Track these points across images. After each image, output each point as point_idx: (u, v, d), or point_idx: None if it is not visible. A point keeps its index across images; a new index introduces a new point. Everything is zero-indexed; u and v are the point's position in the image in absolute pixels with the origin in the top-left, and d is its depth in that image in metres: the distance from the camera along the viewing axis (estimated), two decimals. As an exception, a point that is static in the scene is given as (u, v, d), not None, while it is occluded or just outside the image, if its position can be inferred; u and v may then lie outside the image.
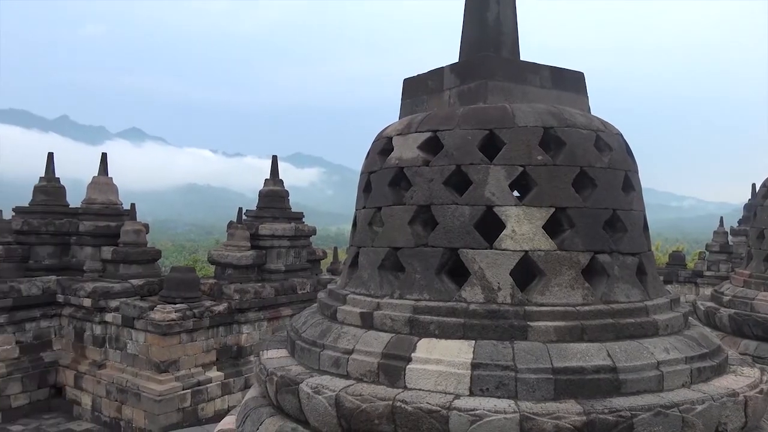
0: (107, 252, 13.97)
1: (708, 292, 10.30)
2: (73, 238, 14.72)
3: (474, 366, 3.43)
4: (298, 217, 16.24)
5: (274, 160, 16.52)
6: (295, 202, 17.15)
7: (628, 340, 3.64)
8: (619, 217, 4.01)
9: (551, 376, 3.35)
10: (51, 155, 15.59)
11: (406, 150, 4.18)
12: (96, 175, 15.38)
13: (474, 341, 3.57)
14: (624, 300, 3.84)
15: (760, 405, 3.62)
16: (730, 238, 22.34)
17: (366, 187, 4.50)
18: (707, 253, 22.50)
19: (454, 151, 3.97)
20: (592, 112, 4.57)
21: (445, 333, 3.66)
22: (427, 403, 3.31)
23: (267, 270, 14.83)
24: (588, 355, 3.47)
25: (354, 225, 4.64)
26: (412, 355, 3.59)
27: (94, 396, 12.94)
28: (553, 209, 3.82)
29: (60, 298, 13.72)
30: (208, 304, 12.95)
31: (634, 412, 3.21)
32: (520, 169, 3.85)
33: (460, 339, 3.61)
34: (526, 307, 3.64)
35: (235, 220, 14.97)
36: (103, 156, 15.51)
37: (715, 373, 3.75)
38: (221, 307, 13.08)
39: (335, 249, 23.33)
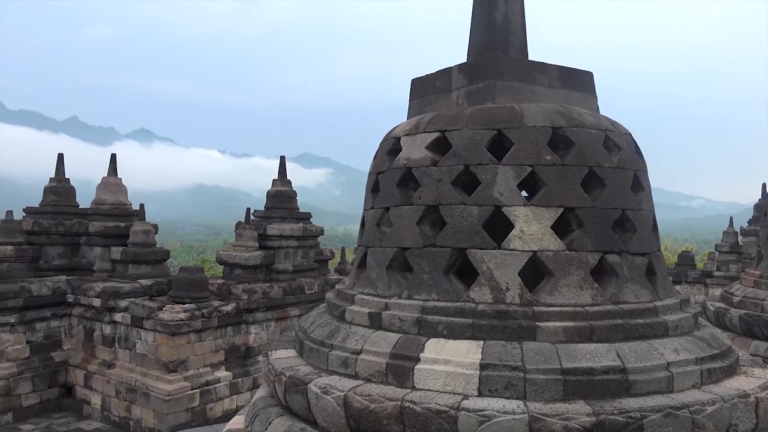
0: (116, 252, 14.05)
1: (717, 292, 10.23)
2: (83, 239, 14.82)
3: (483, 366, 3.43)
4: (306, 217, 16.26)
5: (282, 160, 16.57)
6: (302, 203, 17.19)
7: (638, 340, 3.62)
8: (628, 217, 3.99)
9: (560, 377, 3.34)
10: (61, 156, 15.69)
11: (415, 150, 4.18)
12: (105, 175, 15.47)
13: (482, 342, 3.56)
14: (633, 300, 3.82)
15: (772, 406, 3.59)
16: (740, 238, 22.19)
17: (374, 187, 4.50)
18: (717, 253, 22.35)
19: (463, 151, 3.97)
20: (601, 112, 4.55)
21: (453, 333, 3.66)
22: (435, 403, 3.31)
23: (275, 270, 14.86)
24: (597, 355, 3.45)
25: (362, 225, 4.64)
26: (421, 355, 3.59)
27: (103, 395, 13.02)
28: (561, 209, 3.81)
29: (70, 298, 13.81)
30: (216, 304, 12.99)
31: (643, 413, 3.20)
32: (529, 169, 3.84)
33: (468, 339, 3.60)
34: (535, 307, 3.63)
35: (243, 221, 15.02)
36: (113, 157, 15.60)
37: (725, 374, 3.72)
38: (229, 307, 13.12)
39: (343, 249, 23.37)
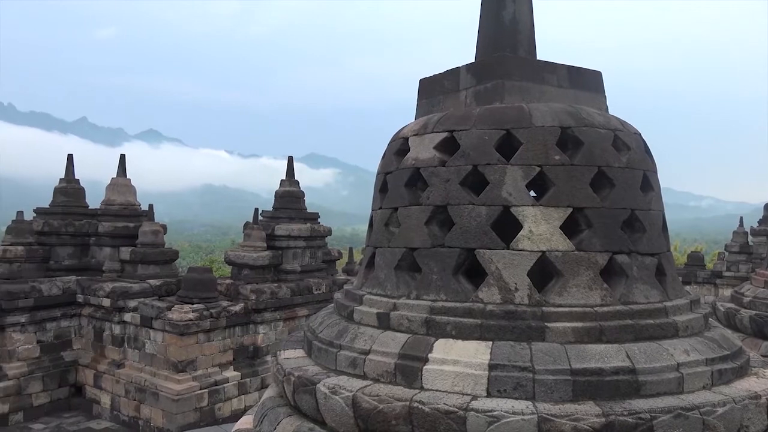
0: (126, 252, 14.12)
1: (727, 292, 10.16)
2: (93, 239, 14.91)
3: (491, 367, 3.42)
4: (314, 217, 16.29)
5: (290, 160, 16.60)
6: (310, 203, 17.23)
7: (648, 341, 3.60)
8: (637, 217, 3.97)
9: (569, 378, 3.33)
10: (71, 157, 15.78)
11: (423, 150, 4.18)
12: (114, 176, 15.56)
13: (491, 342, 3.56)
14: (643, 301, 3.80)
15: (783, 408, 3.56)
16: (749, 238, 22.04)
17: (382, 187, 4.50)
18: (726, 253, 22.20)
19: (471, 151, 3.96)
20: (610, 112, 4.53)
21: (462, 334, 3.65)
22: (444, 404, 3.31)
23: (283, 270, 14.90)
24: (607, 356, 3.44)
25: (370, 225, 4.64)
26: (429, 355, 3.59)
27: (113, 395, 13.09)
28: (570, 209, 3.80)
29: (80, 298, 13.90)
30: (224, 304, 13.03)
31: (653, 414, 3.18)
32: (538, 169, 3.83)
33: (477, 340, 3.60)
34: (544, 308, 3.62)
35: (251, 221, 15.06)
36: (122, 157, 15.68)
37: (736, 375, 3.70)
38: (238, 307, 13.16)
39: (350, 249, 23.38)
